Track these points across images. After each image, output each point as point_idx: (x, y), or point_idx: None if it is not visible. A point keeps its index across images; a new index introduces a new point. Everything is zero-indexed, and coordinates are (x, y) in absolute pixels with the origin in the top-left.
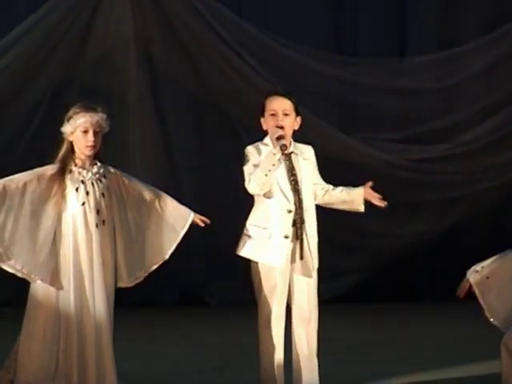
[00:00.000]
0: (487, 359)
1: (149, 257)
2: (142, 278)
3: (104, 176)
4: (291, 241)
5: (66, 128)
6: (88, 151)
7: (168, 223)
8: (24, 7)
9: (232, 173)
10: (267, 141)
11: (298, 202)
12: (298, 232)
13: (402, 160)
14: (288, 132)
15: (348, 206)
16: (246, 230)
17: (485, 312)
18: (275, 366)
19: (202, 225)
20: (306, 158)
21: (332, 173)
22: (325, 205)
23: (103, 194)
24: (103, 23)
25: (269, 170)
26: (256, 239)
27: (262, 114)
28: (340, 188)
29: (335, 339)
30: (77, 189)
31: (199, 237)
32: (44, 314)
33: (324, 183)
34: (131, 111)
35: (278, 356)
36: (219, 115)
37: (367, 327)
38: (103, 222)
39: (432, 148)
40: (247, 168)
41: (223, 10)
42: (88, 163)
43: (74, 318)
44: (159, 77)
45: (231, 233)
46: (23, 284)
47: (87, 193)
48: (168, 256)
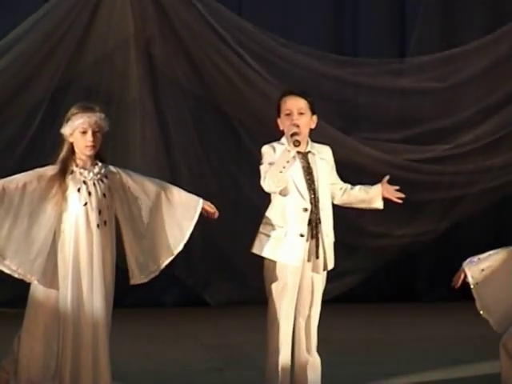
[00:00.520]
0: (487, 359)
1: (162, 250)
2: (158, 272)
3: (105, 176)
4: (307, 240)
5: (65, 129)
6: (88, 151)
7: (177, 214)
8: (24, 7)
9: (232, 173)
10: (283, 140)
11: (314, 201)
12: (314, 231)
13: (402, 160)
14: (304, 131)
15: (367, 205)
16: (262, 229)
17: (476, 303)
18: (281, 365)
19: (212, 211)
20: (323, 158)
21: None
22: (343, 204)
23: (104, 195)
24: (103, 23)
25: (283, 167)
26: (272, 238)
27: (278, 115)
28: (358, 187)
29: (335, 339)
30: (79, 189)
31: (199, 237)
32: (44, 314)
33: (342, 183)
34: (131, 111)
35: (285, 355)
36: (219, 115)
37: (367, 327)
38: (104, 223)
39: (432, 148)
40: (263, 167)
41: (223, 10)
42: (89, 163)
43: (71, 318)
44: (159, 77)
45: (231, 233)
46: (24, 285)
47: (89, 193)
48: (182, 247)
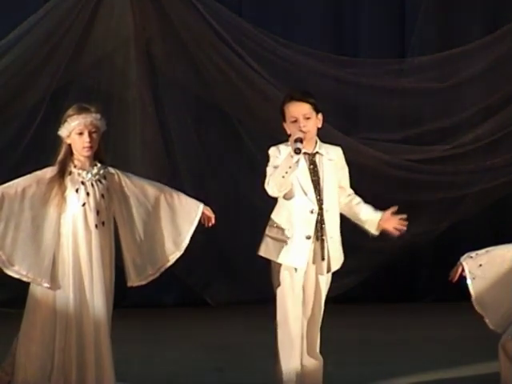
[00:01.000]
0: (487, 359)
1: (161, 253)
2: (157, 275)
3: (104, 177)
4: (312, 242)
5: (62, 131)
6: (85, 152)
7: (177, 218)
8: (24, 7)
9: (232, 173)
10: (290, 142)
11: (319, 203)
12: (319, 233)
13: (402, 160)
14: (312, 133)
15: (363, 226)
16: (268, 231)
17: (471, 298)
18: (290, 367)
19: (212, 216)
20: (332, 159)
21: None
22: (342, 213)
23: (103, 195)
24: (103, 23)
25: (286, 172)
26: (278, 240)
27: (284, 119)
28: (363, 207)
29: (335, 339)
30: (77, 190)
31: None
32: (42, 315)
33: (350, 190)
34: (131, 111)
35: (297, 356)
36: (219, 115)
37: (367, 327)
38: (103, 224)
39: (432, 148)
40: (268, 169)
41: (223, 10)
42: (88, 164)
43: (74, 318)
44: (159, 76)
45: (231, 233)
46: (24, 285)
47: (87, 194)
48: (183, 250)
